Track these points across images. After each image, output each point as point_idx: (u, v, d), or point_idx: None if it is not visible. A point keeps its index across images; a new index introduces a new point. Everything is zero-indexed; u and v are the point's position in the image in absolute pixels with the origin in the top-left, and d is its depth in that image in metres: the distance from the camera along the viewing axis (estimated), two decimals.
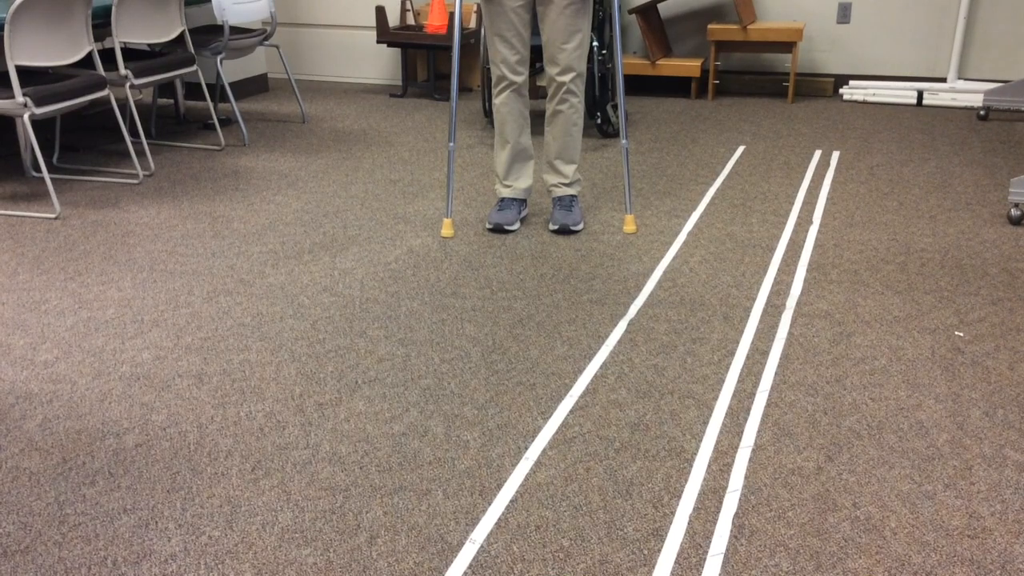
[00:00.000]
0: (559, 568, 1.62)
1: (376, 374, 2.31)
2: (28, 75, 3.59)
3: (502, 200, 3.32)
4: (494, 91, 3.20)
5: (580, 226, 3.24)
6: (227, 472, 1.91)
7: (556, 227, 3.22)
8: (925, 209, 3.46)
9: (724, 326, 2.53)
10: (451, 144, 3.21)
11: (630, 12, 5.34)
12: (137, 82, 3.96)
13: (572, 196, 3.28)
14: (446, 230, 3.22)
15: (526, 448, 1.98)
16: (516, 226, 3.29)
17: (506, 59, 3.09)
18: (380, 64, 6.15)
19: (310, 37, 6.25)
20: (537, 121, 4.46)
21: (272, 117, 5.18)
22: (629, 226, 3.26)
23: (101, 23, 3.83)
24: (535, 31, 3.15)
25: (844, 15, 5.33)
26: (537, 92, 5.09)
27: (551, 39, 3.03)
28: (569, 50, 3.02)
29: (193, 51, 4.32)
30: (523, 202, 3.36)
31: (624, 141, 3.26)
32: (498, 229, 3.27)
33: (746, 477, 1.87)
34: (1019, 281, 2.81)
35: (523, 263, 3.00)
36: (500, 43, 3.08)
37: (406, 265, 3.00)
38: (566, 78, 3.08)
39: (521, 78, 3.14)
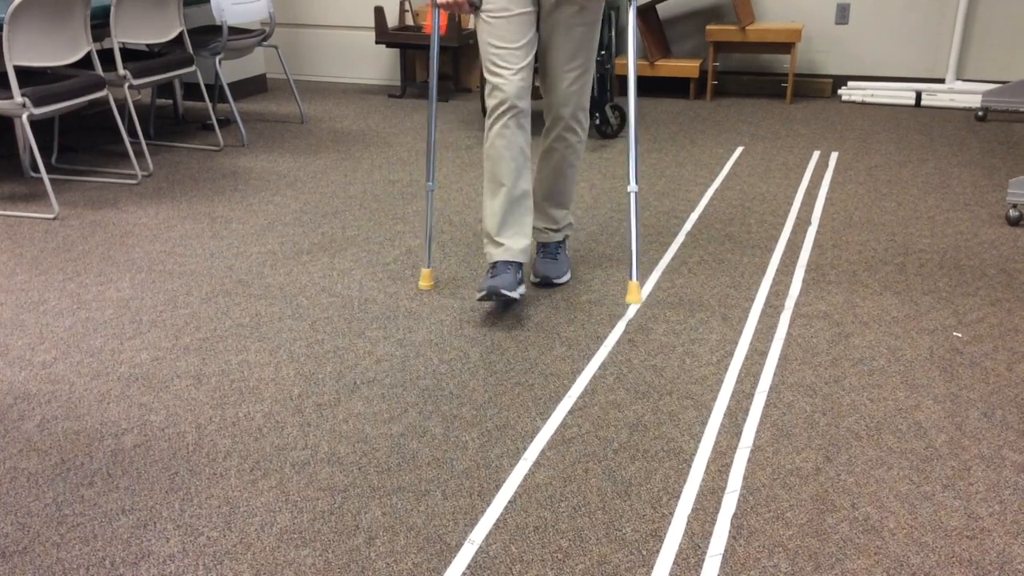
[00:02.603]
0: (558, 569, 1.62)
1: (375, 375, 2.31)
2: (27, 75, 3.59)
3: (494, 267, 2.58)
4: (488, 119, 2.55)
5: (565, 278, 2.80)
6: (225, 473, 1.91)
7: (537, 280, 2.78)
8: (923, 210, 3.46)
9: (723, 327, 2.53)
10: (429, 184, 2.78)
11: None
12: (136, 82, 3.95)
13: (559, 243, 2.82)
14: (424, 281, 2.80)
15: (525, 449, 1.98)
16: (519, 292, 2.56)
17: (505, 77, 2.47)
18: (379, 64, 6.15)
19: (309, 37, 6.25)
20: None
21: (271, 117, 5.17)
22: (632, 295, 2.56)
23: (100, 23, 3.82)
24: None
25: (842, 16, 5.34)
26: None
27: (553, 61, 2.54)
28: (573, 77, 2.55)
29: (192, 51, 4.32)
30: (519, 267, 2.60)
31: (633, 185, 2.59)
32: (493, 293, 2.48)
33: (745, 478, 1.87)
34: (1017, 282, 2.81)
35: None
36: (497, 55, 2.48)
37: (405, 266, 3.00)
38: (566, 111, 2.59)
39: (524, 103, 2.51)
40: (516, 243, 2.57)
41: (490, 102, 2.51)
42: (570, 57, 2.54)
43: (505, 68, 2.47)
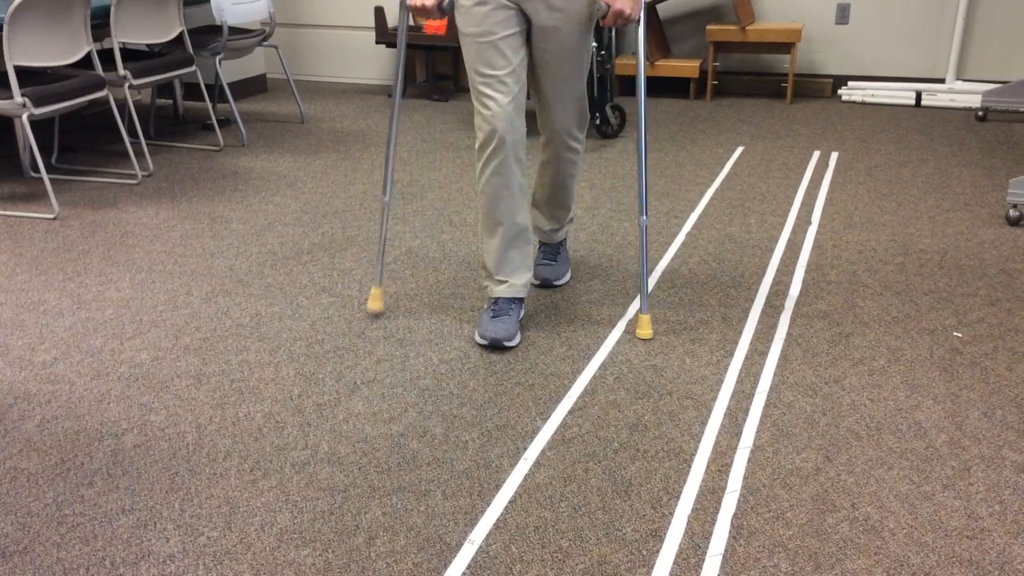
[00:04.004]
0: (558, 569, 1.62)
1: (375, 375, 2.31)
2: (27, 75, 3.59)
3: (496, 303, 2.48)
4: (479, 153, 2.35)
5: (565, 279, 2.81)
6: (226, 473, 1.91)
7: (538, 282, 2.79)
8: (924, 210, 3.46)
9: (723, 327, 2.53)
10: (385, 198, 2.57)
11: None
12: (136, 82, 3.95)
13: (559, 243, 2.81)
14: (373, 302, 2.61)
15: (525, 449, 1.98)
16: (518, 339, 2.45)
17: (493, 109, 2.28)
18: (379, 65, 6.15)
19: (309, 38, 6.25)
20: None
21: (271, 117, 5.17)
22: (644, 329, 2.47)
23: (100, 23, 3.82)
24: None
25: (843, 16, 5.34)
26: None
27: (547, 82, 2.42)
28: (568, 96, 2.44)
29: (192, 51, 4.32)
30: (521, 302, 2.52)
31: (644, 218, 2.47)
32: (495, 345, 2.41)
33: (745, 478, 1.87)
34: (1017, 282, 2.81)
35: None
36: (485, 83, 2.29)
37: (405, 266, 3.00)
38: (562, 130, 2.49)
39: (518, 133, 2.32)
40: (518, 278, 2.47)
41: (479, 135, 2.32)
42: (564, 76, 2.41)
43: (493, 98, 2.28)
